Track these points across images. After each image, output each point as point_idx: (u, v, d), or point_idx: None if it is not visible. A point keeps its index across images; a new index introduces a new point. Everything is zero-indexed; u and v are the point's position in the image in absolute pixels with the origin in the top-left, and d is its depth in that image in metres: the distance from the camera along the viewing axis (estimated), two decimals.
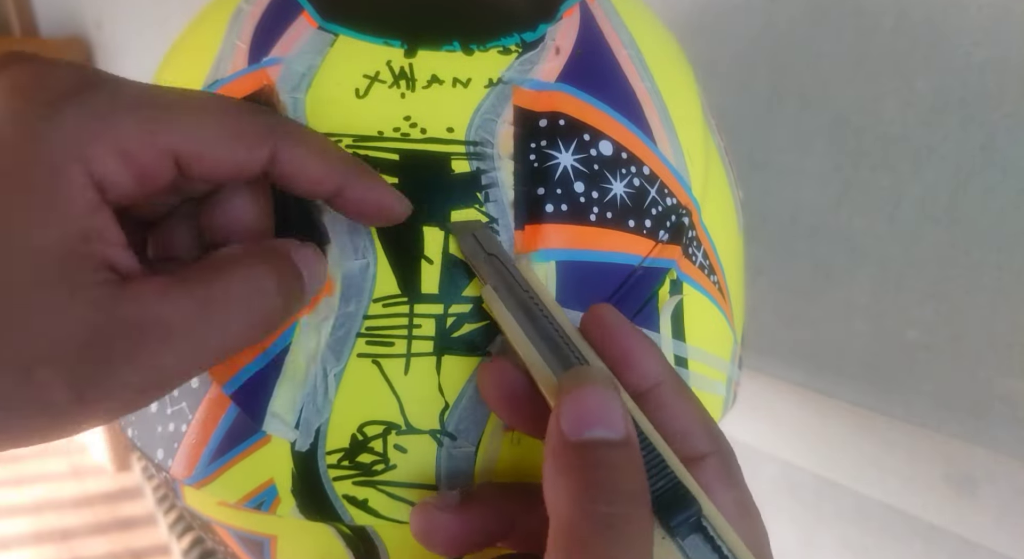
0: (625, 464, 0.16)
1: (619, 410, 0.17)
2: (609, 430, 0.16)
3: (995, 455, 0.38)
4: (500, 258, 0.21)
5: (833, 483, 0.45)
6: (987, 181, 0.36)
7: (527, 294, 0.20)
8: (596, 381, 0.17)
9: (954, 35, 0.36)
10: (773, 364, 0.47)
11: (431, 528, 0.20)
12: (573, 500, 0.16)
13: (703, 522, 0.17)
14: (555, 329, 0.20)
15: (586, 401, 0.17)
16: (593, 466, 0.16)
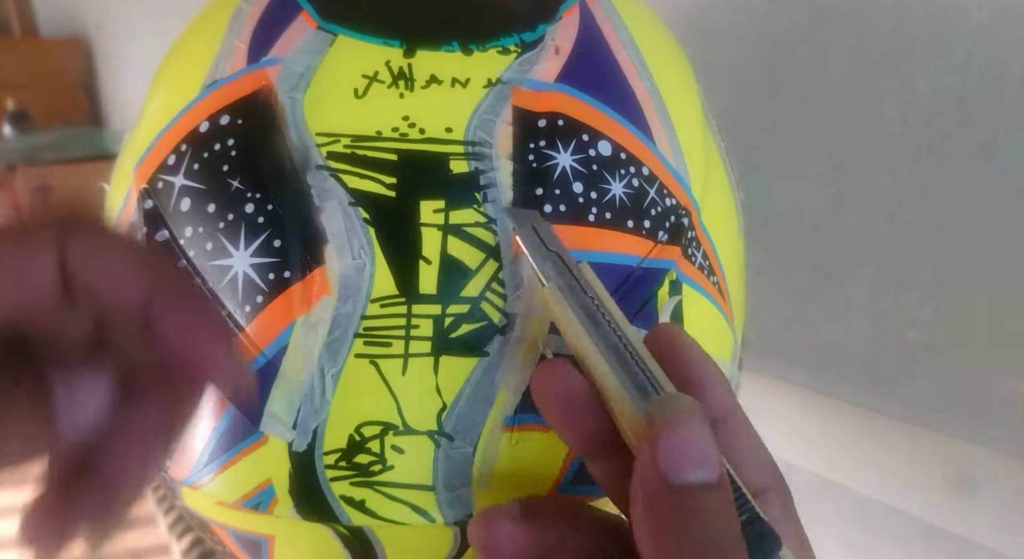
0: (722, 508, 0.16)
1: (716, 450, 0.16)
2: (708, 472, 0.16)
3: (995, 455, 0.38)
4: (562, 256, 0.20)
5: (833, 483, 0.45)
6: (987, 181, 0.36)
7: (591, 299, 0.19)
8: (694, 416, 0.17)
9: (954, 35, 0.36)
10: (773, 364, 0.47)
11: (498, 538, 0.19)
12: (674, 548, 0.16)
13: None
14: (621, 341, 0.19)
15: (685, 439, 0.16)
16: (694, 512, 0.16)
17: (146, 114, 0.27)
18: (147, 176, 0.24)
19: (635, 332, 0.19)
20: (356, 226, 0.21)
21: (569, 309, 0.19)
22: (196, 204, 0.22)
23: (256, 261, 0.21)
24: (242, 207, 0.21)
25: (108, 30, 1.43)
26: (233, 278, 0.21)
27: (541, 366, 0.20)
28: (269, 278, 0.21)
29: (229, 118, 0.23)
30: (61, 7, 1.59)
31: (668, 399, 0.18)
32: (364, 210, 0.21)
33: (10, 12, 1.63)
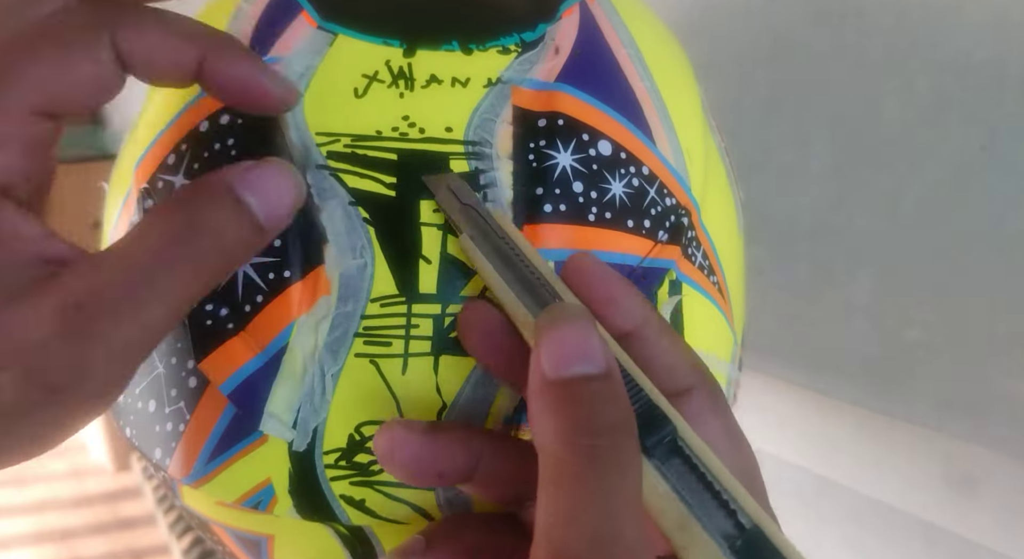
0: (608, 396, 0.16)
1: (597, 343, 0.17)
2: (589, 364, 0.16)
3: (995, 455, 0.38)
4: (476, 208, 0.21)
5: (833, 483, 0.45)
6: (987, 181, 0.36)
7: (503, 241, 0.20)
8: (572, 317, 0.17)
9: (954, 35, 0.36)
10: (773, 364, 0.47)
11: (395, 446, 0.19)
12: (559, 436, 0.16)
13: (681, 446, 0.17)
14: (533, 273, 0.20)
15: (564, 338, 0.17)
16: (576, 401, 0.16)
17: (146, 114, 0.27)
18: (147, 176, 0.24)
19: (548, 266, 0.20)
20: (356, 226, 0.21)
21: (480, 253, 0.20)
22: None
23: (256, 260, 0.21)
24: None
25: None
26: (233, 277, 0.21)
27: (462, 307, 0.21)
28: (269, 277, 0.21)
29: (229, 117, 0.23)
30: None
31: (554, 306, 0.18)
32: (364, 209, 0.21)
33: None
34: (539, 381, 0.17)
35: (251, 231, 0.18)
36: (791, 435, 0.46)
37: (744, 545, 0.16)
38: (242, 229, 0.18)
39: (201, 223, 0.17)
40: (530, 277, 0.20)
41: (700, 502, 0.17)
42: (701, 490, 0.17)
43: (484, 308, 0.20)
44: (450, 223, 0.21)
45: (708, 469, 0.17)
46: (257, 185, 0.18)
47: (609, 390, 0.17)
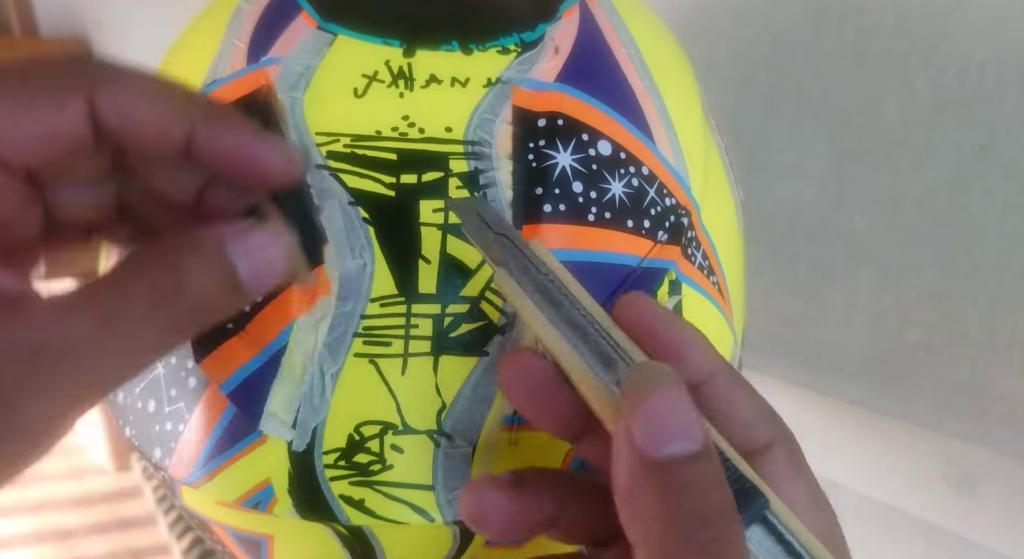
0: (710, 477, 0.15)
1: (695, 416, 0.15)
2: (690, 442, 0.15)
3: (995, 455, 0.38)
4: (511, 237, 0.19)
5: (833, 483, 0.45)
6: (987, 181, 0.36)
7: (546, 276, 0.18)
8: (665, 384, 0.16)
9: (954, 35, 0.36)
10: (773, 364, 0.47)
11: (486, 507, 0.18)
12: (666, 526, 0.15)
13: (769, 517, 0.16)
14: (584, 316, 0.18)
15: (660, 411, 0.15)
16: (680, 487, 0.15)
17: None
18: None
19: (598, 305, 0.18)
20: (356, 225, 0.21)
21: (521, 290, 0.18)
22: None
23: None
24: None
25: (108, 30, 1.42)
26: None
27: (503, 356, 0.19)
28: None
29: None
30: (61, 7, 1.59)
31: (639, 368, 0.17)
32: (364, 209, 0.21)
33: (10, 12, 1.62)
34: (632, 460, 0.15)
35: (231, 296, 0.17)
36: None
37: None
38: (224, 292, 0.17)
39: (186, 282, 0.16)
40: (582, 321, 0.18)
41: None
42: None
43: (528, 359, 0.18)
44: (483, 256, 0.19)
45: (798, 541, 0.16)
46: (250, 251, 0.17)
47: (712, 471, 0.15)
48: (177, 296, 0.16)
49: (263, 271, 0.17)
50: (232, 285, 0.17)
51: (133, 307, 0.16)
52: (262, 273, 0.17)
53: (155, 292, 0.16)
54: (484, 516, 0.18)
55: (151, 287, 0.16)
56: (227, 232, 0.17)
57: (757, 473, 0.17)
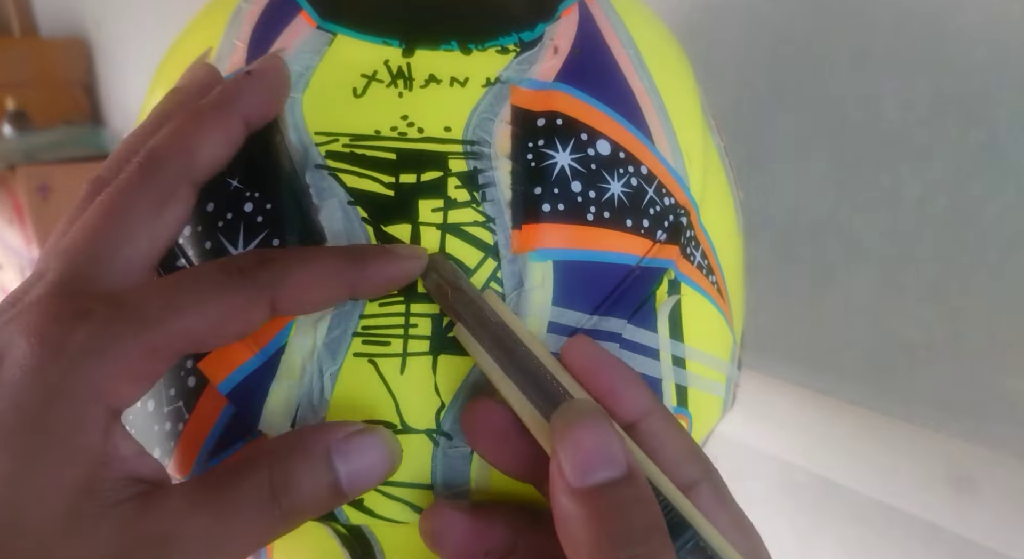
0: (636, 500, 0.16)
1: (618, 445, 0.17)
2: (613, 468, 0.16)
3: (995, 455, 0.38)
4: (468, 292, 0.20)
5: (833, 483, 0.45)
6: (987, 181, 0.36)
7: (499, 327, 0.20)
8: (588, 418, 0.17)
9: (954, 35, 0.36)
10: (773, 364, 0.47)
11: (444, 528, 0.20)
12: (593, 549, 0.16)
13: (702, 545, 0.17)
14: (534, 363, 0.19)
15: (583, 441, 0.17)
16: (605, 510, 0.16)
17: (146, 113, 0.27)
18: None
19: (547, 351, 0.20)
20: (355, 225, 0.21)
21: (476, 343, 0.20)
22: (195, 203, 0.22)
23: None
24: (241, 206, 0.21)
25: (108, 30, 1.43)
26: None
27: (465, 407, 0.20)
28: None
29: None
30: (61, 7, 1.59)
31: (566, 405, 0.18)
32: (363, 209, 0.21)
33: (10, 12, 1.63)
34: (563, 490, 0.16)
35: (331, 496, 0.19)
36: (791, 435, 0.46)
37: None
38: (326, 495, 0.18)
39: (288, 482, 0.18)
40: (533, 368, 0.19)
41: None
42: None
43: (489, 407, 0.20)
44: (443, 311, 0.21)
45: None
46: (354, 457, 0.19)
47: (636, 493, 0.16)
48: (284, 495, 0.18)
49: (363, 477, 0.19)
50: (334, 489, 0.18)
51: (245, 503, 0.18)
52: (362, 479, 0.19)
53: (265, 491, 0.18)
54: (440, 536, 0.20)
55: (261, 486, 0.18)
56: (334, 436, 0.19)
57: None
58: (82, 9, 1.50)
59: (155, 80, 0.28)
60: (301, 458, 0.18)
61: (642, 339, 0.23)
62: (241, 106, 0.21)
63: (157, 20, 1.12)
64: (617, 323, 0.22)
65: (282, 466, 0.18)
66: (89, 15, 1.48)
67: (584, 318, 0.22)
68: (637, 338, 0.23)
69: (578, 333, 0.21)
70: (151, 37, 1.18)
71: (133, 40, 1.32)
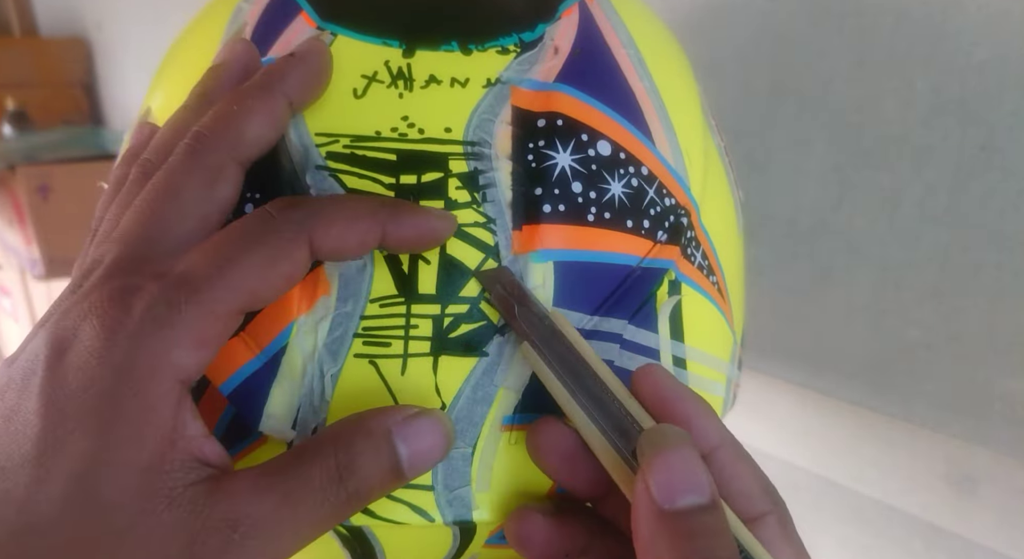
0: (718, 528, 0.17)
1: (705, 472, 0.17)
2: (700, 495, 0.17)
3: (995, 455, 0.38)
4: (534, 309, 0.21)
5: (833, 483, 0.45)
6: (987, 181, 0.36)
7: (567, 349, 0.20)
8: (680, 444, 0.17)
9: (954, 35, 0.36)
10: (773, 364, 0.47)
11: (530, 531, 0.20)
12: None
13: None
14: (602, 389, 0.19)
15: (673, 466, 0.17)
16: (690, 535, 0.16)
17: (146, 113, 0.27)
18: None
19: (615, 376, 0.20)
20: None
21: (544, 365, 0.20)
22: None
23: None
24: (242, 207, 0.21)
25: (108, 30, 1.43)
26: None
27: (532, 425, 0.21)
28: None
29: None
30: (61, 7, 1.59)
31: (655, 429, 0.18)
32: None
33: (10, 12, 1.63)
34: (649, 511, 0.17)
35: (392, 477, 0.19)
36: (791, 435, 0.46)
37: None
38: (386, 475, 0.19)
39: (353, 465, 0.18)
40: (601, 394, 0.19)
41: None
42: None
43: (558, 429, 0.20)
44: (508, 325, 0.21)
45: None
46: (413, 438, 0.19)
47: (719, 522, 0.17)
48: (349, 477, 0.18)
49: (424, 458, 0.19)
50: (395, 470, 0.19)
51: (310, 487, 0.18)
52: (422, 460, 0.19)
53: (330, 474, 0.18)
54: (527, 538, 0.20)
55: (326, 470, 0.18)
56: (394, 419, 0.19)
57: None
58: (82, 9, 1.50)
59: (155, 80, 0.28)
60: (364, 441, 0.19)
61: (643, 340, 0.23)
62: (286, 88, 0.21)
63: (157, 20, 1.12)
64: (618, 324, 0.22)
65: (347, 449, 0.18)
66: (89, 15, 1.48)
67: (585, 319, 0.22)
68: (638, 339, 0.23)
69: (650, 363, 0.21)
70: (151, 37, 1.18)
71: (133, 40, 1.32)
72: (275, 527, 0.17)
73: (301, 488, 0.18)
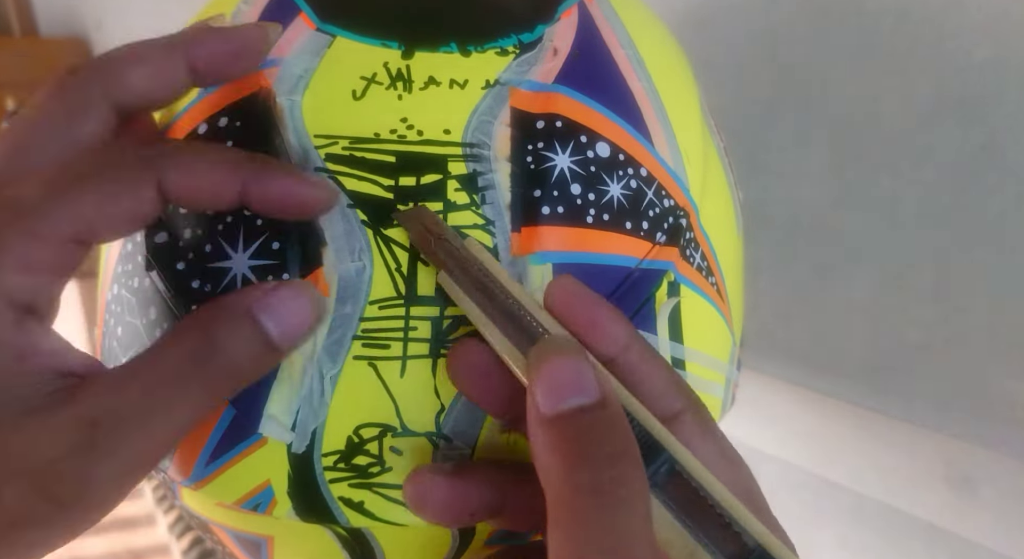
0: (607, 425, 0.16)
1: (589, 373, 0.17)
2: (584, 395, 0.16)
3: (995, 455, 0.38)
4: (451, 241, 0.21)
5: (833, 483, 0.45)
6: (987, 181, 0.36)
7: (482, 274, 0.20)
8: (561, 350, 0.17)
9: (954, 35, 0.36)
10: (773, 364, 0.47)
11: (425, 492, 0.20)
12: (562, 474, 0.16)
13: (680, 471, 0.17)
14: (515, 305, 0.20)
15: (556, 372, 0.17)
16: (573, 436, 0.16)
17: None
18: None
19: (528, 295, 0.20)
20: (354, 228, 0.21)
21: (459, 288, 0.20)
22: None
23: (255, 263, 0.21)
24: (240, 209, 0.21)
25: (108, 30, 1.42)
26: (232, 280, 0.21)
27: (451, 348, 0.21)
28: (268, 280, 0.21)
29: (227, 120, 0.23)
30: (61, 7, 1.59)
31: (542, 341, 0.18)
32: (362, 212, 0.21)
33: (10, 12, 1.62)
34: (536, 419, 0.17)
35: (265, 352, 0.19)
36: (791, 435, 0.46)
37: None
38: (257, 350, 0.19)
39: (218, 346, 0.18)
40: (513, 308, 0.19)
41: (705, 528, 0.16)
42: (704, 515, 0.17)
43: (473, 348, 0.20)
44: (426, 259, 0.21)
45: (709, 493, 0.17)
46: (275, 308, 0.19)
47: (607, 418, 0.16)
48: (211, 358, 0.18)
49: (294, 328, 0.19)
50: (264, 343, 0.19)
51: (172, 372, 0.18)
52: (293, 330, 0.19)
53: (190, 356, 0.18)
54: (422, 499, 0.20)
55: (186, 353, 0.18)
56: (251, 294, 0.19)
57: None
58: (82, 9, 1.50)
59: None
60: (224, 322, 0.18)
61: None
62: (189, 49, 0.20)
63: (157, 20, 1.12)
64: None
65: (207, 331, 0.18)
66: (89, 15, 1.48)
67: None
68: None
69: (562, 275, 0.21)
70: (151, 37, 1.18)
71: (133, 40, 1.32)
72: (140, 419, 0.17)
73: (162, 377, 0.17)
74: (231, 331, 0.18)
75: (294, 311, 0.19)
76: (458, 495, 0.20)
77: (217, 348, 0.18)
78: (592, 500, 0.15)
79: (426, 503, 0.20)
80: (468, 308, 0.20)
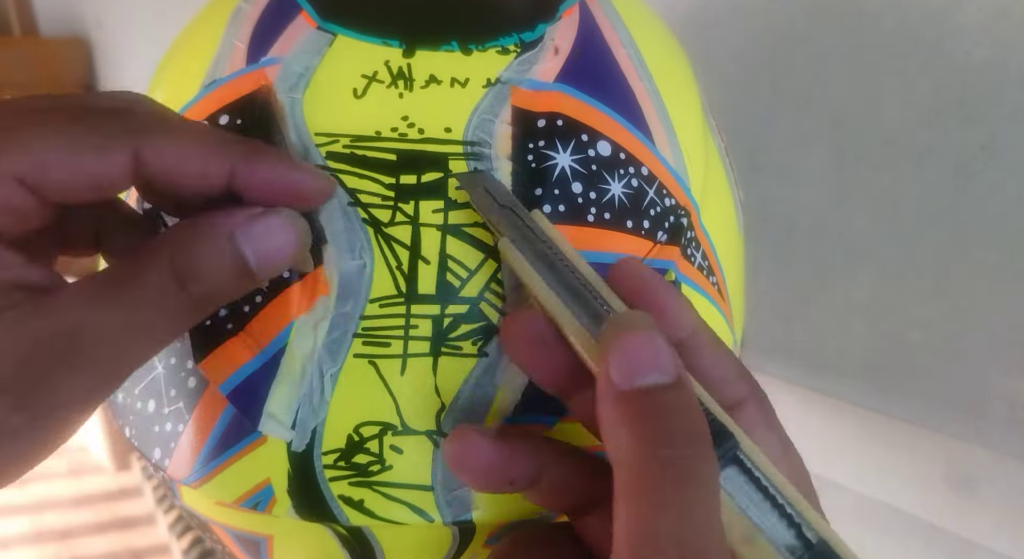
0: (682, 405, 0.16)
1: (668, 353, 0.17)
2: (662, 374, 0.16)
3: (995, 455, 0.38)
4: (515, 209, 0.20)
5: (833, 483, 0.45)
6: (987, 181, 0.36)
7: (546, 245, 0.20)
8: (641, 326, 0.17)
9: (954, 35, 0.36)
10: (773, 364, 0.47)
11: (468, 452, 0.19)
12: (637, 449, 0.16)
13: (743, 459, 0.17)
14: (580, 280, 0.19)
15: (634, 348, 0.16)
16: (652, 412, 0.16)
17: None
18: None
19: (593, 271, 0.20)
20: (355, 226, 0.21)
21: (523, 257, 0.20)
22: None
23: None
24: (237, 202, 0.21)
25: (108, 30, 1.42)
26: None
27: (508, 314, 0.20)
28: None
29: (228, 118, 0.23)
30: (61, 7, 1.59)
31: (618, 316, 0.18)
32: (363, 210, 0.21)
33: (10, 12, 1.62)
34: (610, 392, 0.16)
35: (242, 280, 0.19)
36: (791, 435, 0.46)
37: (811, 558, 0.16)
38: (233, 275, 0.18)
39: (194, 268, 0.18)
40: (577, 284, 0.19)
41: (764, 516, 0.16)
42: (764, 504, 0.17)
43: (529, 317, 0.20)
44: (488, 225, 0.21)
45: (771, 483, 0.17)
46: (259, 237, 0.18)
47: (684, 400, 0.16)
48: (191, 282, 0.18)
49: (271, 257, 0.19)
50: (242, 270, 0.18)
51: (151, 293, 0.17)
52: (270, 258, 0.19)
53: (170, 279, 0.17)
54: (465, 459, 0.19)
55: (165, 275, 0.17)
56: (235, 218, 0.18)
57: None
58: (82, 9, 1.50)
59: (154, 80, 0.28)
60: (204, 243, 0.18)
61: None
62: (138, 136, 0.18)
63: (157, 20, 1.12)
64: None
65: (185, 252, 0.18)
66: (89, 15, 1.48)
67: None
68: None
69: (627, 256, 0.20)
70: (151, 37, 1.18)
71: (133, 40, 1.32)
72: (119, 336, 0.17)
73: (140, 294, 0.17)
74: (211, 255, 0.18)
75: (278, 241, 0.19)
76: (503, 460, 0.19)
77: (195, 272, 0.18)
78: (670, 474, 0.15)
79: (468, 464, 0.19)
80: (529, 277, 0.19)
